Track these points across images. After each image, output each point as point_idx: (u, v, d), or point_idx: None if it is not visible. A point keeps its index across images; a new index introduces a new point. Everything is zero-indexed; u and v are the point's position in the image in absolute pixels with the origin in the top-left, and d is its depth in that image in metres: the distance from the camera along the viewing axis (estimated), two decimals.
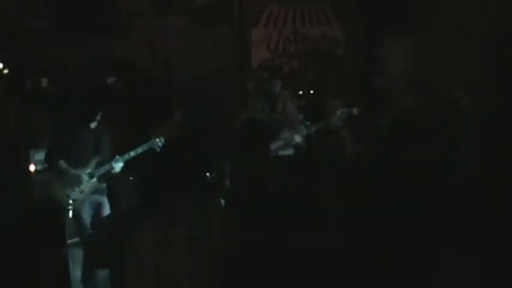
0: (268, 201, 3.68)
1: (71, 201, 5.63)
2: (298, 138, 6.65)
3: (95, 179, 5.72)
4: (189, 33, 8.81)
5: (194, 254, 2.90)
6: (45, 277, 5.32)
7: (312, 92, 8.75)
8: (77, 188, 5.65)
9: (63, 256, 5.70)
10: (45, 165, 6.12)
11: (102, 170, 5.75)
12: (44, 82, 7.97)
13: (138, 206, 4.80)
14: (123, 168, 5.80)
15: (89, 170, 5.71)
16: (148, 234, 2.96)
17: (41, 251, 5.40)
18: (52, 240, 5.71)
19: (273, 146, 6.51)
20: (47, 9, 8.29)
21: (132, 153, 5.78)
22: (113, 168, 5.74)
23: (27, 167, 6.74)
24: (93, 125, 5.68)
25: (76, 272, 5.72)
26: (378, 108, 7.90)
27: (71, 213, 5.66)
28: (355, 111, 6.79)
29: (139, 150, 5.76)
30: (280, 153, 6.52)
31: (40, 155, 6.72)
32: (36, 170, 6.75)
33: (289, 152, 6.65)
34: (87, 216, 5.66)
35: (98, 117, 5.69)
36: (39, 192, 6.39)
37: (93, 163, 5.72)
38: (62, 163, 5.63)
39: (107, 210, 5.80)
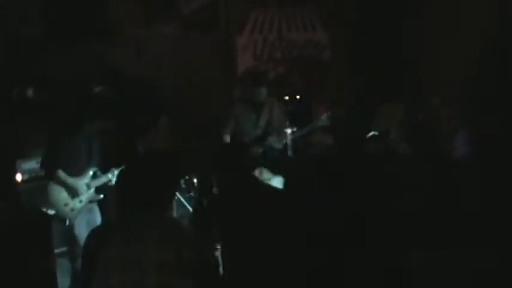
0: (248, 212, 3.71)
1: (69, 210, 5.70)
2: (282, 144, 6.71)
3: (92, 190, 5.81)
4: (177, 40, 8.83)
5: (162, 273, 2.88)
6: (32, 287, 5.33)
7: (297, 97, 8.79)
8: (76, 198, 5.73)
9: (50, 266, 5.72)
10: (40, 173, 6.17)
11: (100, 181, 5.85)
12: (31, 91, 7.95)
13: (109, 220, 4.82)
14: None
15: (86, 181, 5.79)
16: (115, 249, 2.95)
17: (27, 261, 5.41)
18: (38, 250, 5.72)
19: (258, 152, 6.58)
20: (36, 17, 8.28)
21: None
22: (110, 180, 5.84)
23: (14, 176, 6.74)
24: (83, 133, 5.75)
25: (65, 282, 5.74)
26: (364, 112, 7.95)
27: (67, 222, 5.72)
28: (340, 116, 6.85)
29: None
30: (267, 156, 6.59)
31: (27, 165, 6.74)
32: (23, 180, 6.76)
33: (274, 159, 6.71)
34: (82, 225, 5.72)
35: (89, 126, 5.75)
36: (31, 201, 6.39)
37: (90, 173, 5.82)
38: (61, 172, 5.69)
39: (97, 217, 5.87)
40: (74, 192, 5.73)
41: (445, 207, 3.70)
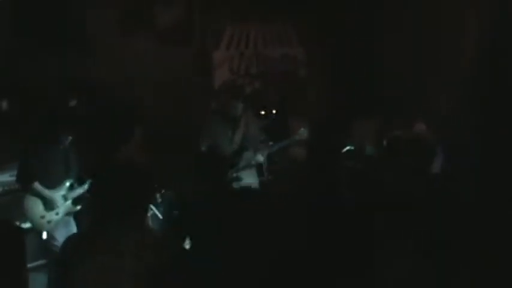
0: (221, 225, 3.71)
1: (46, 223, 5.65)
2: (259, 158, 6.72)
3: (69, 202, 5.80)
4: (152, 54, 8.82)
5: (139, 281, 2.88)
6: None
7: (274, 112, 8.82)
8: (53, 210, 5.72)
9: (23, 280, 5.63)
10: (15, 186, 6.12)
11: (76, 193, 5.85)
12: (5, 102, 7.87)
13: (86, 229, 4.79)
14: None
15: (63, 192, 5.80)
16: (93, 259, 2.95)
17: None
18: (11, 266, 5.64)
19: (234, 167, 6.58)
20: (9, 28, 8.21)
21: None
22: (86, 192, 5.81)
23: None
24: (59, 145, 5.75)
25: None
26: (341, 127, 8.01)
27: (45, 235, 5.68)
28: (316, 130, 6.89)
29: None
30: (242, 173, 6.58)
31: (1, 177, 6.66)
32: None
33: (251, 172, 6.72)
34: (61, 238, 5.66)
35: (65, 138, 5.73)
36: (6, 215, 6.30)
37: (67, 185, 5.81)
38: (37, 185, 5.67)
39: (73, 229, 5.82)
40: (50, 205, 5.72)
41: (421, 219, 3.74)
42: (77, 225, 5.91)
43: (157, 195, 6.88)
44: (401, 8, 8.32)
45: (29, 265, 5.80)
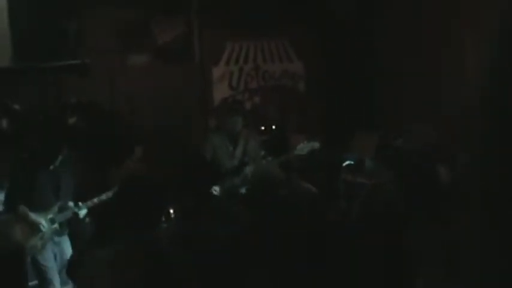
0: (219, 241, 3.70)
1: (29, 248, 5.49)
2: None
3: (56, 225, 5.56)
4: (151, 72, 8.82)
5: None
6: None
7: (274, 127, 8.83)
8: (37, 235, 5.47)
9: None
10: (3, 208, 5.99)
11: (65, 216, 5.59)
12: (3, 122, 7.84)
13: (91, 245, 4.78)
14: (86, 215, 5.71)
15: (50, 215, 5.54)
16: (99, 272, 2.96)
17: None
18: (13, 284, 5.62)
19: (234, 182, 6.58)
20: (8, 47, 8.20)
21: (95, 200, 5.66)
22: (76, 214, 5.60)
23: None
24: (52, 167, 5.54)
25: None
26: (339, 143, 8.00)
27: (29, 259, 5.55)
28: (316, 145, 6.87)
29: (104, 197, 5.62)
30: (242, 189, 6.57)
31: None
32: None
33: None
34: (49, 259, 5.56)
35: (59, 158, 5.60)
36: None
37: (55, 207, 5.57)
38: (22, 208, 5.46)
39: (68, 250, 5.72)
40: (34, 229, 5.48)
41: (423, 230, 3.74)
42: (72, 245, 5.77)
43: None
44: (399, 22, 8.34)
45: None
